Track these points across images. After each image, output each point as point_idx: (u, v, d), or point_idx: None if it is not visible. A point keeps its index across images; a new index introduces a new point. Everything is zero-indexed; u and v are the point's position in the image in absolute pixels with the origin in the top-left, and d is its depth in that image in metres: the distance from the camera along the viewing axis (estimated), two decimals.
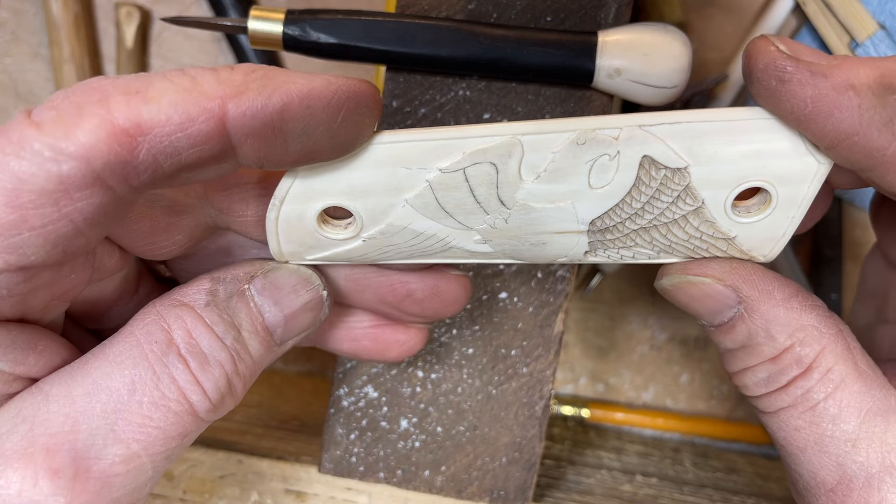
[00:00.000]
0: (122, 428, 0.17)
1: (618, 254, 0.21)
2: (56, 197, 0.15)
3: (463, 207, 0.20)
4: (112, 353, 0.18)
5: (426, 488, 0.30)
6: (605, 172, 0.19)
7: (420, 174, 0.19)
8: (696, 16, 0.39)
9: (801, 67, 0.17)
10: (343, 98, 0.18)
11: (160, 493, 0.29)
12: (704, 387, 0.42)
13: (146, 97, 0.16)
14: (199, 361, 0.18)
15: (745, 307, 0.20)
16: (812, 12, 0.36)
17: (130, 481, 0.17)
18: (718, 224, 0.20)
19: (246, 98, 0.17)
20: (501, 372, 0.29)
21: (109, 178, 0.16)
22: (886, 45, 0.34)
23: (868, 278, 0.26)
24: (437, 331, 0.29)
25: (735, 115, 0.19)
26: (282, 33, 0.25)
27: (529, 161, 0.19)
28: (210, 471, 0.30)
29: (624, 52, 0.25)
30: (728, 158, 0.19)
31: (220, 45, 0.41)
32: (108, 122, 0.15)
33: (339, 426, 0.29)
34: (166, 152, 0.16)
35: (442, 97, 0.27)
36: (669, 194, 0.20)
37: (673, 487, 0.34)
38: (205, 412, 0.19)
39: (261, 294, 0.20)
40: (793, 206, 0.20)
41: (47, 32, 0.40)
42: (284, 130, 0.17)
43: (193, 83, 0.16)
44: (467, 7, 0.27)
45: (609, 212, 0.20)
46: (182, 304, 0.19)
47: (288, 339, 0.21)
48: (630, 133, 0.19)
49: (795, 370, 0.19)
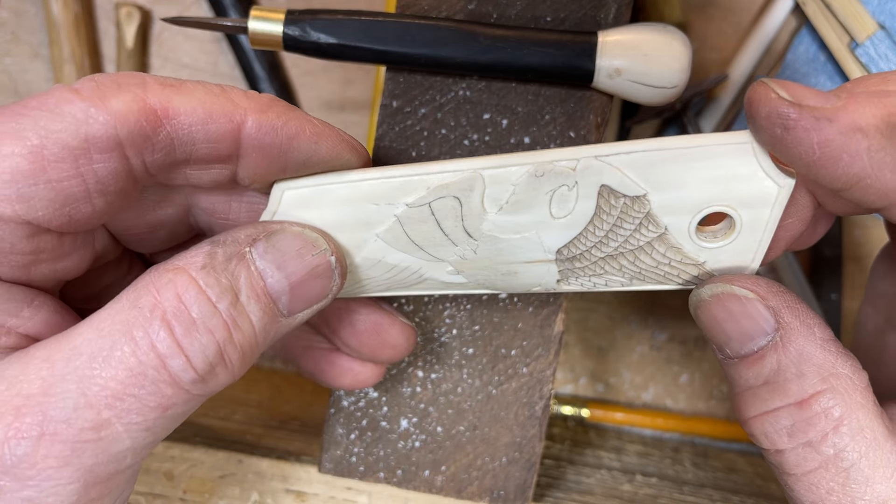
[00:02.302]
0: (94, 393, 0.16)
1: (590, 281, 0.22)
2: (77, 154, 0.17)
3: (432, 240, 0.21)
4: (97, 318, 0.17)
5: (426, 488, 0.30)
6: (565, 202, 0.20)
7: (388, 209, 0.20)
8: (696, 16, 0.39)
9: (804, 113, 0.17)
10: (346, 149, 0.20)
11: (160, 493, 0.29)
12: (704, 387, 0.42)
13: (180, 90, 0.18)
14: (185, 327, 0.17)
15: (783, 336, 0.18)
16: (812, 12, 0.36)
17: (103, 449, 0.17)
18: (685, 250, 0.20)
19: (266, 116, 0.18)
20: (501, 372, 0.29)
21: (129, 148, 0.17)
22: (886, 45, 0.34)
23: (877, 281, 0.25)
24: (438, 331, 0.29)
25: (690, 142, 0.19)
26: (282, 33, 0.25)
27: (491, 194, 0.20)
28: (210, 471, 0.30)
29: (624, 52, 0.25)
30: (687, 185, 0.19)
31: (220, 46, 0.41)
32: (142, 99, 0.17)
33: (339, 426, 0.29)
34: (183, 140, 0.18)
35: (442, 97, 0.27)
36: (631, 222, 0.20)
37: (673, 487, 0.34)
38: (190, 383, 0.17)
39: (262, 257, 0.19)
40: (758, 230, 0.20)
41: (47, 32, 0.40)
42: (288, 156, 0.19)
43: (223, 91, 0.18)
44: (467, 7, 0.27)
45: (574, 240, 0.21)
46: (176, 267, 0.18)
47: (297, 309, 0.20)
48: (586, 164, 0.19)
49: (824, 423, 0.18)
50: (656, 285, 0.21)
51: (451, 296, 0.28)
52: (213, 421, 0.34)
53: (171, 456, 0.30)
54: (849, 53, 0.35)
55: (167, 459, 0.30)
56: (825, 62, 0.37)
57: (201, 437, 0.31)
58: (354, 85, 0.41)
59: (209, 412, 0.35)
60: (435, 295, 0.23)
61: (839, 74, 0.36)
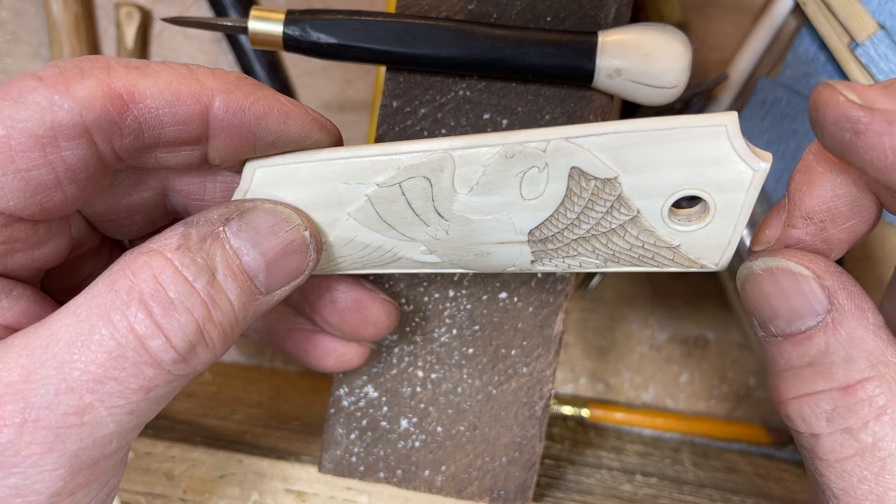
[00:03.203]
0: (75, 378, 0.16)
1: (564, 263, 0.21)
2: (44, 142, 0.17)
3: (403, 220, 0.21)
4: (74, 304, 0.17)
5: (426, 488, 0.30)
6: (535, 184, 0.20)
7: (359, 189, 0.20)
8: (696, 16, 0.39)
9: (876, 117, 0.16)
10: (315, 128, 0.20)
11: (160, 493, 0.29)
12: (704, 387, 0.42)
13: (145, 72, 0.18)
14: (162, 307, 0.17)
15: (835, 318, 0.18)
16: (812, 12, 0.36)
17: (87, 434, 0.17)
18: (659, 233, 0.20)
19: (234, 97, 0.18)
20: (501, 372, 0.29)
21: (96, 134, 0.17)
22: (886, 45, 0.34)
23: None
24: (438, 331, 0.29)
25: (662, 124, 0.19)
26: (282, 33, 0.25)
27: (462, 174, 0.20)
28: (210, 471, 0.30)
29: (624, 52, 0.25)
30: (659, 168, 0.19)
31: (220, 46, 0.41)
32: (106, 84, 0.17)
33: (340, 426, 0.29)
34: (151, 123, 0.18)
35: (442, 97, 0.27)
36: (602, 205, 0.20)
37: (673, 487, 0.34)
38: (171, 363, 0.17)
39: (237, 236, 0.19)
40: (733, 214, 0.19)
41: (47, 32, 0.40)
42: (257, 135, 0.19)
43: (190, 71, 0.18)
44: (467, 7, 0.27)
45: (546, 222, 0.20)
46: (151, 249, 0.18)
47: (275, 286, 0.20)
48: (557, 145, 0.19)
49: (867, 411, 0.17)
50: (631, 267, 0.21)
51: (451, 295, 0.28)
52: (213, 421, 0.34)
53: (171, 456, 0.30)
54: (849, 53, 0.35)
55: (167, 459, 0.30)
56: (825, 62, 0.37)
57: (201, 437, 0.31)
58: (354, 85, 0.41)
59: (209, 412, 0.35)
60: (412, 273, 0.23)
61: (839, 74, 0.36)
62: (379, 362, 0.29)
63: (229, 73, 0.19)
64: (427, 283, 0.28)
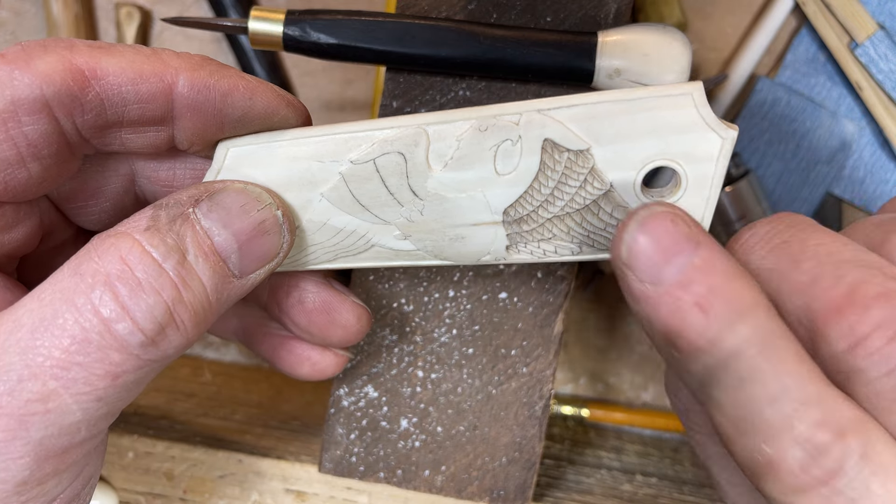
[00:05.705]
0: (38, 364, 0.16)
1: (539, 248, 0.21)
2: (5, 117, 0.17)
3: (377, 199, 0.21)
4: (39, 290, 0.17)
5: (426, 488, 0.30)
6: (509, 158, 0.20)
7: (333, 167, 0.20)
8: (696, 16, 0.39)
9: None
10: (282, 104, 0.20)
11: (160, 493, 0.29)
12: None
13: (109, 51, 0.18)
14: (129, 289, 0.17)
15: None
16: (812, 12, 0.36)
17: (52, 422, 0.16)
18: (632, 209, 0.20)
19: (197, 74, 0.18)
20: (501, 372, 0.29)
21: (57, 109, 0.17)
22: (886, 45, 0.34)
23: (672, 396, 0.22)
24: (438, 331, 0.29)
25: (631, 94, 0.19)
26: (282, 34, 0.25)
27: (436, 149, 0.20)
28: (210, 471, 0.30)
29: (624, 52, 0.25)
30: (629, 138, 0.19)
31: (220, 46, 0.41)
32: (68, 60, 0.17)
33: (340, 426, 0.29)
34: (113, 101, 0.18)
35: (442, 97, 0.27)
36: (576, 178, 0.20)
37: (673, 487, 0.34)
38: (138, 346, 0.17)
39: (207, 216, 0.18)
40: (705, 187, 0.20)
41: (47, 32, 0.40)
42: (223, 113, 0.19)
43: (154, 52, 0.18)
44: (467, 7, 0.27)
45: (520, 199, 0.20)
46: (119, 232, 0.17)
47: (249, 270, 0.19)
48: (529, 118, 0.19)
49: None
50: (606, 254, 0.21)
51: (451, 295, 0.28)
52: (213, 421, 0.34)
53: (171, 456, 0.30)
54: (849, 53, 0.35)
55: (167, 459, 0.30)
56: (825, 62, 0.37)
57: (201, 437, 0.31)
58: (354, 85, 0.41)
59: (209, 412, 0.35)
60: (385, 267, 0.23)
61: (839, 74, 0.36)
62: (379, 362, 0.29)
63: (194, 54, 0.19)
64: (427, 283, 0.28)
